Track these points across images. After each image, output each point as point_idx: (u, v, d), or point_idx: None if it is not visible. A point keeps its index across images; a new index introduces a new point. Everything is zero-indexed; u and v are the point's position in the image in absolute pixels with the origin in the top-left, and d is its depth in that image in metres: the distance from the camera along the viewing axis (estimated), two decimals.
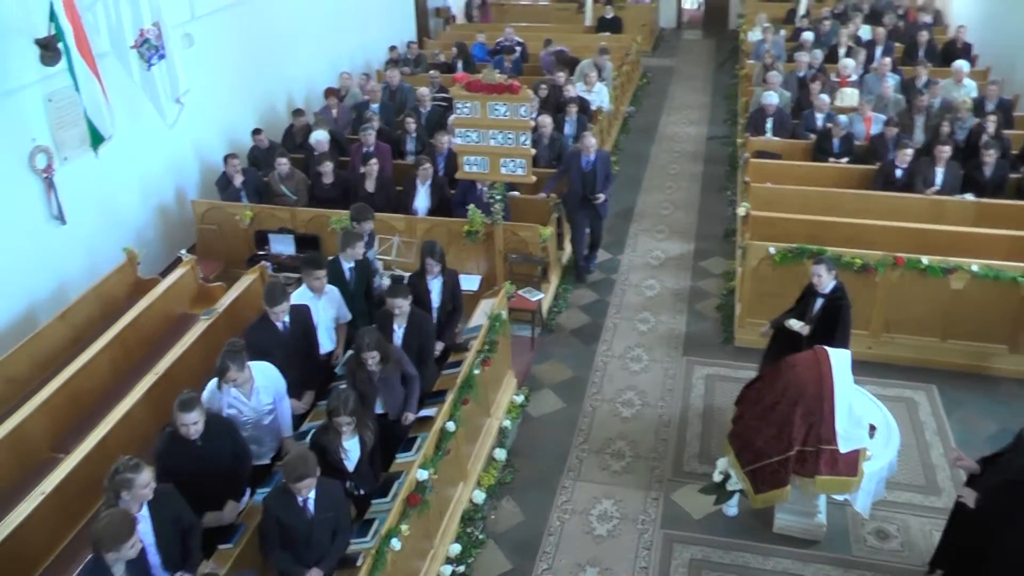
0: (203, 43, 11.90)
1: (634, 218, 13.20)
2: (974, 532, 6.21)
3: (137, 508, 5.50)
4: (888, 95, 13.28)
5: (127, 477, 5.36)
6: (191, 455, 6.06)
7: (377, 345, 6.82)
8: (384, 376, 7.02)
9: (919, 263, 9.11)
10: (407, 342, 7.53)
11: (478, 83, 9.28)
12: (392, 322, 7.50)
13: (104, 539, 4.94)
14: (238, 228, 11.11)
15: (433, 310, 8.23)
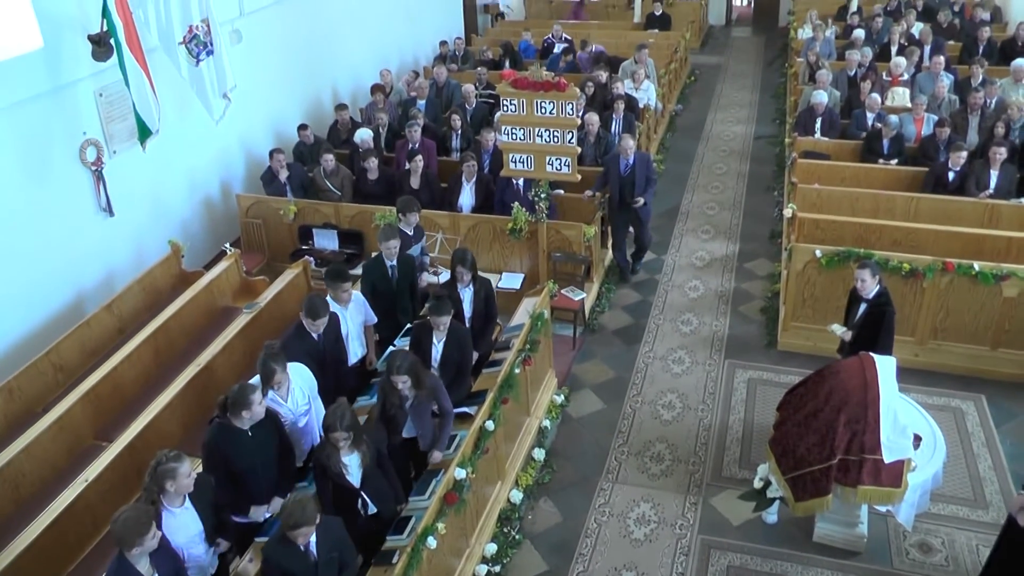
0: (251, 39, 12.03)
1: (679, 217, 13.10)
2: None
3: (180, 501, 5.59)
4: (942, 95, 12.99)
5: (171, 467, 5.43)
6: (241, 445, 6.12)
7: (410, 369, 6.57)
8: (417, 404, 6.78)
9: (970, 269, 8.92)
10: (446, 356, 7.43)
11: (525, 80, 9.24)
12: (432, 335, 7.43)
13: (125, 536, 4.98)
14: (282, 223, 11.21)
15: (465, 319, 8.14)
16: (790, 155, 12.75)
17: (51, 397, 8.15)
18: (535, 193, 9.79)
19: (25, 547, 6.22)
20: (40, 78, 8.93)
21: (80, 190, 9.65)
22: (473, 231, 10.52)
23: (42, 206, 9.15)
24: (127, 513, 5.04)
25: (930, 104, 12.80)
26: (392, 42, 16.90)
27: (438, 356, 7.42)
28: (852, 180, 11.58)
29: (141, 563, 5.12)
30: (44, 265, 9.24)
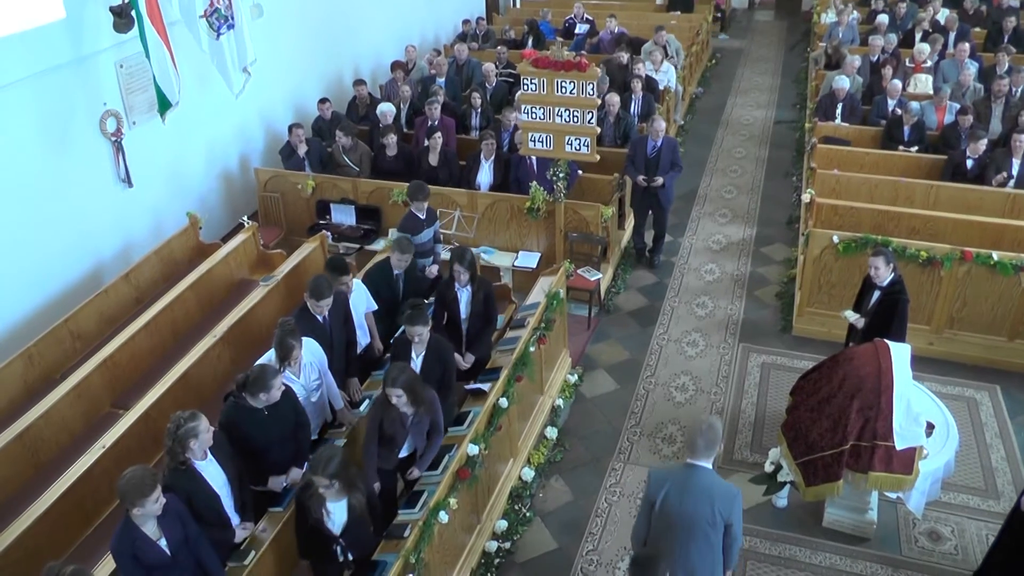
0: (272, 14, 12.02)
1: (697, 201, 13.09)
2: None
3: (203, 455, 5.69)
4: (967, 82, 12.88)
5: (192, 426, 5.54)
6: (257, 423, 6.17)
7: (407, 383, 6.23)
8: (417, 420, 6.49)
9: (989, 259, 8.89)
10: (426, 371, 6.94)
11: (546, 59, 9.23)
12: (410, 349, 7.00)
13: (128, 493, 5.07)
14: (300, 197, 11.25)
15: (461, 321, 7.89)
16: (810, 140, 12.70)
17: (69, 364, 8.24)
18: (553, 172, 9.79)
19: (43, 511, 6.32)
20: (61, 49, 8.95)
21: (100, 161, 9.69)
22: (491, 209, 10.54)
23: (62, 176, 9.20)
24: (134, 472, 5.13)
25: (954, 92, 12.72)
26: (414, 20, 16.87)
27: (417, 371, 6.89)
28: (871, 167, 11.54)
29: (148, 526, 5.22)
30: (63, 234, 9.30)
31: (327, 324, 7.25)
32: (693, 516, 5.34)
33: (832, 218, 10.12)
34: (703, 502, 5.33)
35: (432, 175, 10.86)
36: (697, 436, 5.42)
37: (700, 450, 5.41)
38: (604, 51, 15.79)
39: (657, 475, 5.59)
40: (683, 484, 5.40)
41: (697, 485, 5.38)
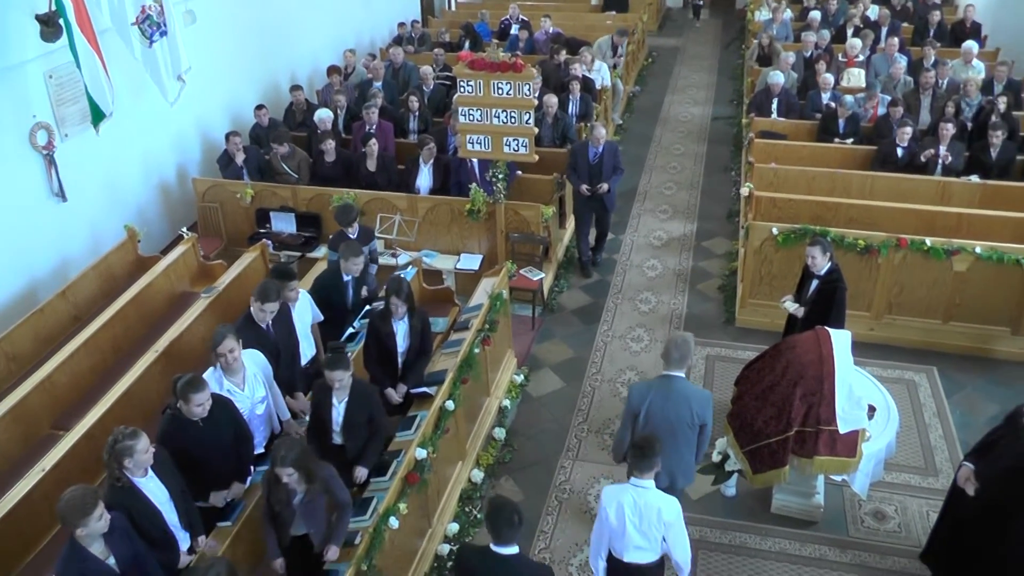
0: (206, 20, 11.87)
1: (637, 198, 13.18)
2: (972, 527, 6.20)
3: (143, 473, 5.56)
4: (898, 76, 13.24)
5: (127, 444, 5.40)
6: (194, 437, 6.06)
7: (297, 461, 5.54)
8: (308, 500, 5.76)
9: (923, 245, 9.11)
10: (349, 419, 6.53)
11: (482, 61, 9.25)
12: (331, 395, 6.52)
13: (68, 514, 4.94)
14: (239, 206, 11.14)
15: (398, 356, 7.49)
16: (747, 135, 12.87)
17: (5, 386, 8.01)
18: (492, 174, 9.79)
19: None
20: None
21: (31, 175, 9.48)
22: (431, 212, 10.52)
23: None
24: (73, 491, 5.01)
25: (886, 85, 13.04)
26: (349, 24, 16.78)
27: (339, 419, 6.55)
28: (808, 159, 11.72)
29: (95, 546, 5.09)
30: None
31: (271, 333, 7.14)
32: (675, 420, 6.10)
33: (771, 211, 10.26)
34: (683, 407, 6.11)
35: (371, 180, 10.82)
36: (672, 349, 6.15)
37: (675, 362, 6.15)
38: (540, 51, 15.85)
39: (638, 388, 6.32)
40: (664, 393, 6.15)
41: (677, 392, 6.14)
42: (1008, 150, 10.86)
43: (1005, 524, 5.94)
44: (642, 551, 5.66)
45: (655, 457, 5.50)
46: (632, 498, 5.53)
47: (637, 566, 5.71)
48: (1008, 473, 5.90)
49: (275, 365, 7.02)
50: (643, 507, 5.51)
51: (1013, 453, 5.92)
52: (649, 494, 5.52)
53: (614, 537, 5.67)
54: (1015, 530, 5.91)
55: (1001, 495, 5.93)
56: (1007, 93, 12.11)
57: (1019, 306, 9.16)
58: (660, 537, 5.60)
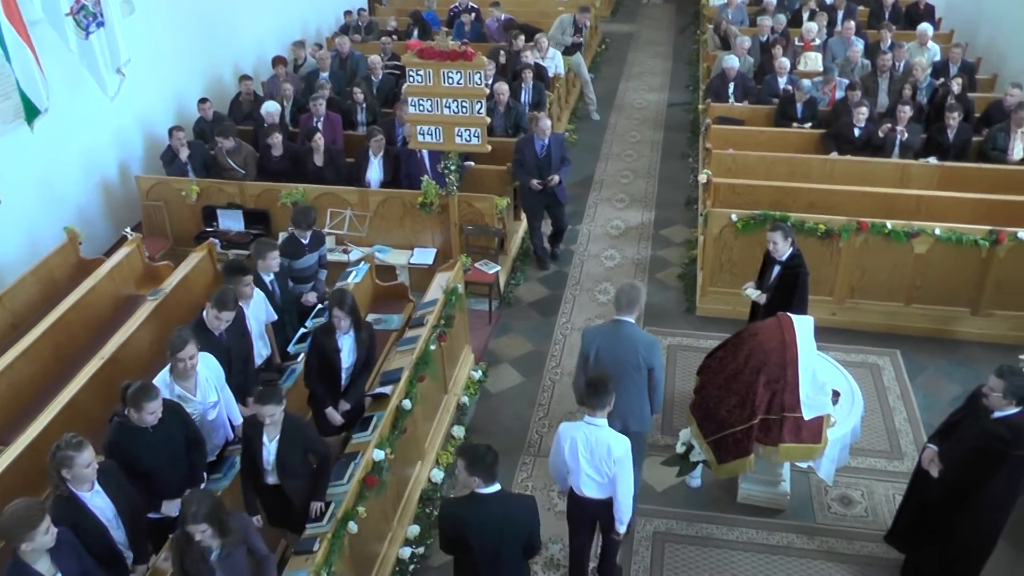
0: (144, 10, 11.66)
1: (593, 187, 13.20)
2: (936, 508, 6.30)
3: (88, 487, 5.44)
4: (855, 59, 13.38)
5: (68, 455, 5.27)
6: (144, 444, 5.94)
7: (209, 516, 5.14)
8: (225, 555, 5.34)
9: (883, 228, 9.22)
10: (282, 457, 6.14)
11: (431, 50, 9.16)
12: (262, 432, 6.14)
13: (11, 529, 4.81)
14: (185, 204, 10.97)
15: (342, 372, 7.19)
16: (704, 121, 12.92)
17: None
18: (444, 165, 9.74)
19: None
20: None
21: None
22: (383, 207, 10.46)
23: None
24: (17, 504, 4.88)
25: (843, 68, 13.17)
26: (294, 13, 16.58)
27: (271, 458, 6.14)
28: (767, 144, 11.80)
29: (40, 562, 4.95)
30: None
31: (224, 338, 7.04)
32: (623, 362, 6.47)
33: (730, 197, 10.31)
34: (630, 350, 6.52)
35: (319, 175, 10.72)
36: (621, 296, 6.65)
37: (624, 307, 6.62)
38: (491, 39, 15.79)
39: (590, 331, 6.83)
40: (613, 336, 6.61)
41: (624, 336, 6.57)
42: (964, 131, 11.05)
43: (967, 503, 6.04)
44: (595, 485, 6.00)
45: (608, 395, 5.84)
46: (584, 434, 5.87)
47: (590, 500, 6.07)
48: (969, 454, 6.00)
49: (227, 370, 6.92)
50: (594, 443, 5.84)
51: (973, 433, 6.01)
52: (601, 431, 5.85)
53: (571, 472, 6.02)
54: (976, 508, 6.01)
55: (963, 475, 6.03)
56: (961, 75, 12.30)
57: (978, 287, 9.31)
58: (611, 474, 5.90)
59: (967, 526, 6.13)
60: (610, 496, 6.03)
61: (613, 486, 5.95)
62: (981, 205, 9.71)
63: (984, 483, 5.91)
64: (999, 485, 5.90)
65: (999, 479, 5.87)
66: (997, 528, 6.16)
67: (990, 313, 9.42)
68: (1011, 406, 5.86)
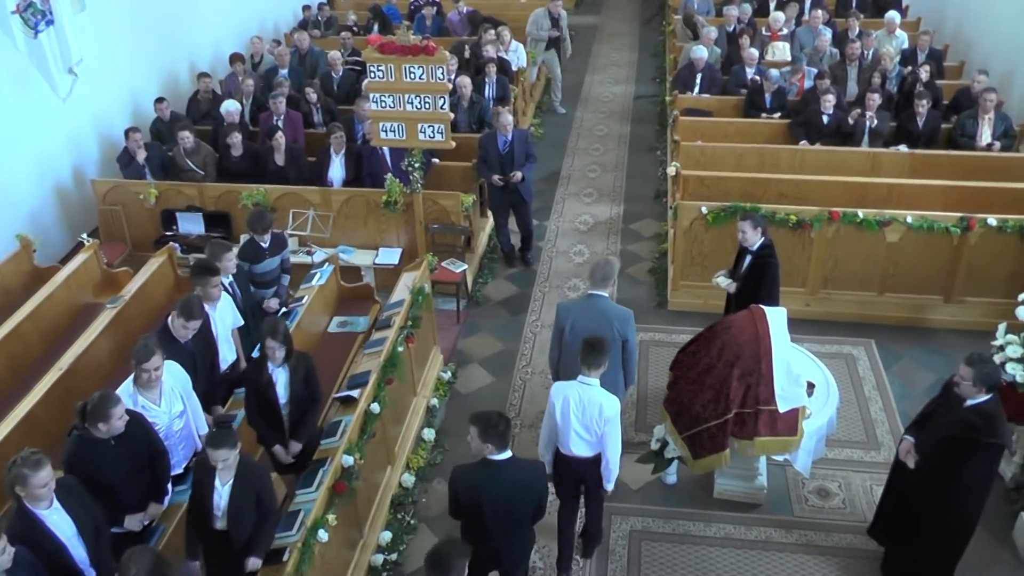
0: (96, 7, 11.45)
1: (560, 182, 13.21)
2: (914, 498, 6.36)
3: (46, 504, 5.34)
4: (824, 48, 13.49)
5: (23, 473, 5.16)
6: (105, 457, 5.85)
7: (152, 572, 4.92)
8: None
9: (855, 217, 9.28)
10: (235, 503, 5.86)
11: (392, 45, 9.11)
12: (214, 476, 5.87)
13: None
14: (143, 208, 10.86)
15: (280, 407, 6.75)
16: (671, 113, 12.96)
17: None
18: (408, 163, 9.69)
19: None
20: None
21: None
22: (346, 206, 10.41)
23: None
24: None
25: (812, 58, 13.28)
26: (252, 8, 16.43)
27: (223, 503, 5.86)
28: (736, 136, 11.87)
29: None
30: None
31: (188, 346, 6.96)
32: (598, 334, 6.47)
33: (699, 189, 10.34)
34: (604, 323, 6.81)
35: (280, 174, 10.66)
36: (595, 270, 7.02)
37: (597, 281, 6.98)
38: (454, 33, 15.75)
39: (564, 306, 7.18)
40: (587, 310, 6.96)
41: (598, 310, 6.92)
42: (933, 119, 11.18)
43: (942, 492, 6.09)
44: (584, 443, 6.29)
45: (603, 355, 6.14)
46: (578, 393, 6.18)
47: (577, 459, 6.36)
48: (942, 443, 6.06)
49: (193, 378, 6.84)
50: (587, 402, 6.15)
51: (947, 422, 6.07)
52: (593, 391, 6.16)
53: (560, 431, 6.31)
54: (951, 497, 6.07)
55: (938, 464, 6.09)
56: (929, 62, 12.46)
57: (950, 274, 9.41)
58: (600, 433, 6.22)
59: (943, 516, 6.19)
60: (597, 454, 6.34)
61: (602, 444, 6.27)
62: (952, 192, 9.81)
63: (958, 472, 5.97)
64: (972, 473, 5.96)
65: (972, 467, 5.93)
66: (973, 517, 6.22)
67: (962, 300, 9.53)
68: (982, 393, 5.93)
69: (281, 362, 6.65)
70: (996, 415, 5.92)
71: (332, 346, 8.64)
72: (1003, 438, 5.90)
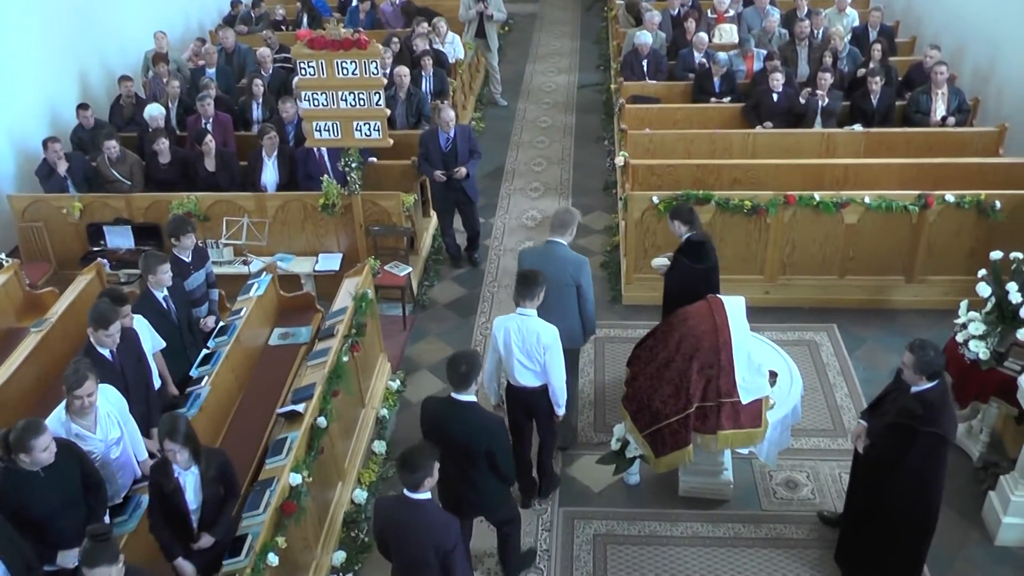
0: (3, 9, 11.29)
1: (505, 177, 13.24)
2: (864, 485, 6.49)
3: None
4: (772, 29, 13.60)
5: None
6: (34, 490, 5.71)
7: None
8: None
9: (811, 200, 9.40)
10: None
11: (322, 39, 9.07)
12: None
13: None
14: (67, 223, 10.68)
15: (190, 512, 5.99)
16: (617, 101, 13.03)
17: None
18: (345, 163, 9.64)
19: None
20: None
21: None
22: (282, 211, 10.32)
23: None
24: None
25: (760, 39, 13.39)
26: (174, 5, 16.22)
27: None
28: (685, 122, 11.96)
29: None
30: None
31: (118, 363, 6.84)
32: (554, 280, 7.23)
33: (649, 179, 10.41)
34: (560, 268, 7.43)
35: (211, 181, 10.56)
36: (555, 219, 7.71)
37: (556, 228, 7.62)
38: (387, 25, 15.71)
39: (525, 252, 8.00)
40: (545, 256, 7.57)
41: (555, 256, 7.52)
42: (887, 96, 11.34)
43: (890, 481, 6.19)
44: (529, 373, 6.95)
45: (536, 287, 6.81)
46: (516, 324, 6.86)
47: (524, 388, 7.04)
48: (887, 429, 6.17)
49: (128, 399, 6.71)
50: (525, 331, 6.82)
51: (895, 408, 6.16)
52: (531, 320, 6.84)
53: (505, 362, 7.01)
54: (898, 486, 6.17)
55: (884, 451, 6.20)
56: (881, 39, 12.61)
57: (910, 254, 9.58)
58: (542, 362, 6.85)
59: (893, 505, 6.26)
60: (543, 384, 7.00)
61: (546, 374, 6.91)
62: (908, 170, 9.99)
63: (901, 460, 6.05)
64: (914, 462, 6.02)
65: (913, 455, 5.99)
66: (927, 508, 6.26)
67: (924, 279, 9.71)
68: (924, 381, 6.02)
69: (187, 465, 5.93)
70: (938, 404, 6.00)
71: (274, 359, 8.53)
72: (942, 428, 5.95)
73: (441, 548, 5.38)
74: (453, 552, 5.44)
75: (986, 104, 11.96)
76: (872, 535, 6.50)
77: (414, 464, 5.33)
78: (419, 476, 5.35)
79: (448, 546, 5.40)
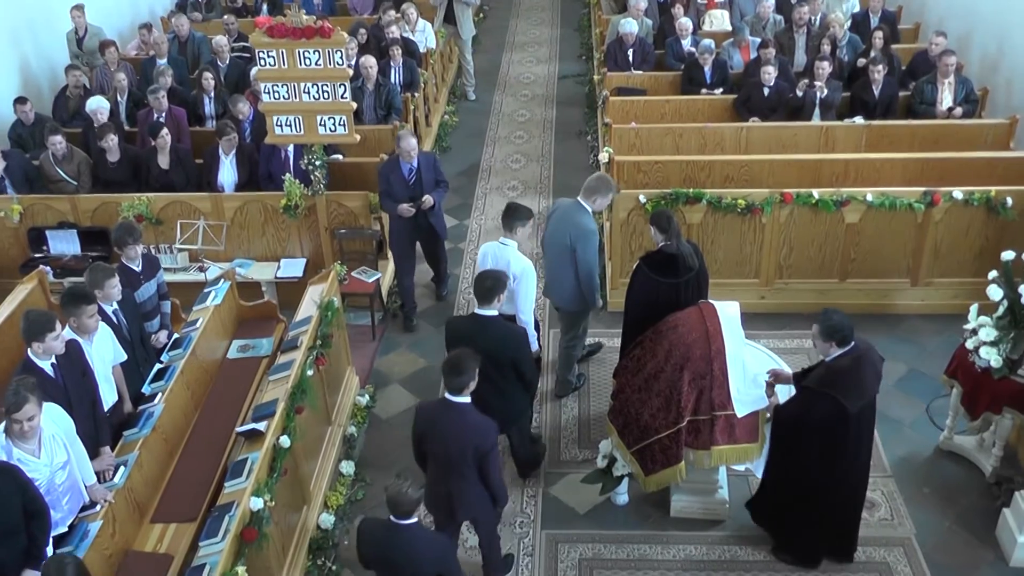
0: None
1: (481, 175, 13.27)
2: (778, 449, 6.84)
3: None
4: (766, 15, 13.61)
5: None
6: None
7: None
8: None
9: (810, 198, 9.42)
10: None
11: (282, 27, 9.03)
12: None
13: None
14: (5, 227, 10.60)
15: None
16: (601, 93, 13.06)
17: None
18: (308, 161, 9.62)
19: None
20: None
21: None
22: (240, 213, 10.29)
23: None
24: None
25: (754, 27, 13.41)
26: None
27: None
28: (674, 115, 12.02)
29: None
30: None
31: (60, 379, 6.75)
32: (556, 241, 8.29)
33: (636, 176, 10.45)
34: (563, 230, 8.22)
35: (164, 180, 10.52)
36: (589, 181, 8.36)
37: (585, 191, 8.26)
38: (353, 12, 15.69)
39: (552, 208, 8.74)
40: (560, 210, 8.46)
41: (567, 216, 8.26)
42: (890, 86, 11.40)
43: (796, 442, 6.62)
44: None
45: (518, 219, 7.85)
46: (495, 251, 7.97)
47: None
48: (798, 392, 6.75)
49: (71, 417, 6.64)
50: (500, 258, 7.86)
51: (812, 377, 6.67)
52: (507, 249, 7.88)
53: None
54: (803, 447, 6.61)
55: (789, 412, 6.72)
56: (883, 26, 12.65)
57: (916, 255, 9.62)
58: (512, 288, 7.59)
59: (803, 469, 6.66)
60: (514, 315, 7.82)
61: (515, 301, 7.77)
62: (913, 165, 10.03)
63: (803, 423, 6.50)
64: (813, 423, 6.45)
65: (811, 419, 6.45)
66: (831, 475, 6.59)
67: (930, 282, 9.76)
68: (834, 348, 6.44)
69: None
70: (842, 370, 6.40)
71: (233, 374, 8.48)
72: (840, 391, 6.31)
73: (481, 448, 6.24)
74: (491, 453, 6.28)
75: (995, 94, 11.98)
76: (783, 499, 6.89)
77: (460, 367, 6.20)
78: (464, 379, 6.21)
79: (486, 448, 6.25)
